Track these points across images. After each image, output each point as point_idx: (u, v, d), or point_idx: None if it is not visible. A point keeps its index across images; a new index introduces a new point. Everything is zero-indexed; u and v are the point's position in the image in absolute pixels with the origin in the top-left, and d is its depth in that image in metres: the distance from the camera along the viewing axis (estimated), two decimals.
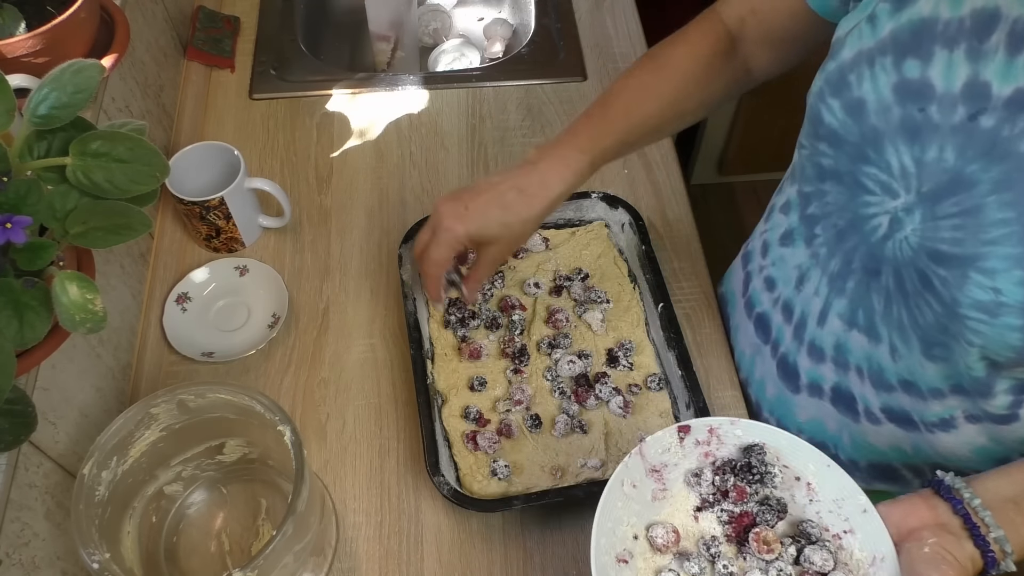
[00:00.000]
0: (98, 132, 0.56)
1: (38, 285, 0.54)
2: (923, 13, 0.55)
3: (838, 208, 0.65)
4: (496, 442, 0.78)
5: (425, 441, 0.76)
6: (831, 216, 0.67)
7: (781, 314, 0.76)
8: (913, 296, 0.61)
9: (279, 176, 1.02)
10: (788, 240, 0.74)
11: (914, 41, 0.55)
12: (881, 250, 0.62)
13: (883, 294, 0.64)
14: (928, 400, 0.66)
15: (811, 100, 0.64)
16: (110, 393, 0.80)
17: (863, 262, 0.64)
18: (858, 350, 0.69)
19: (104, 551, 0.59)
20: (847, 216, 0.64)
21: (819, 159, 0.65)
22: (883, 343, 0.66)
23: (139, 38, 0.98)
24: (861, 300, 0.66)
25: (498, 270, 0.90)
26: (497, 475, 0.76)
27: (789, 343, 0.76)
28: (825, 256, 0.69)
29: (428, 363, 0.83)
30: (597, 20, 1.20)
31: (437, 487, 0.73)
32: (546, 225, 0.94)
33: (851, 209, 0.64)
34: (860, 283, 0.66)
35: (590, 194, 0.93)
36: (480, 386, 0.82)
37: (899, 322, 0.63)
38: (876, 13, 0.58)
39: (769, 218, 0.79)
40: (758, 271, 0.80)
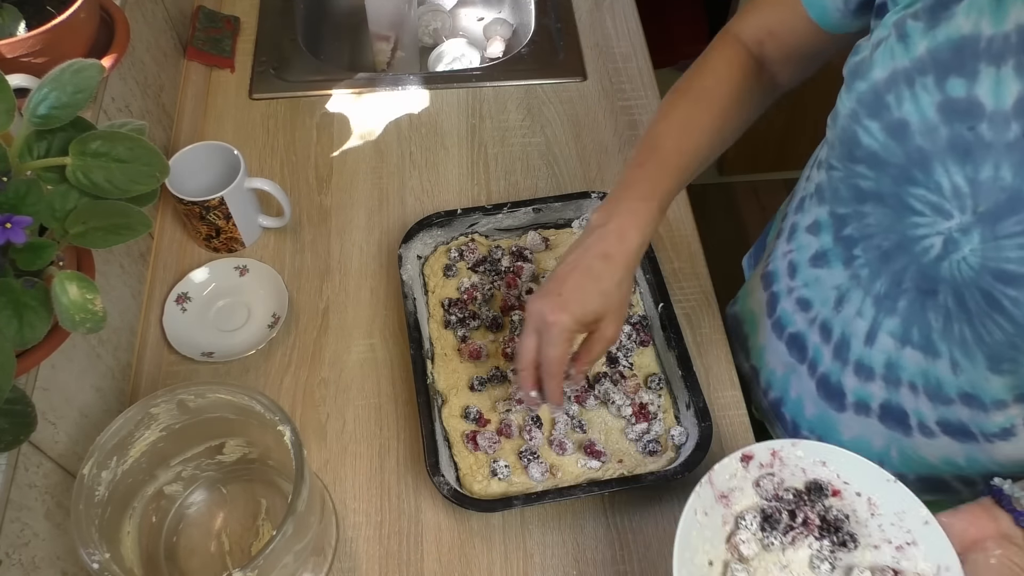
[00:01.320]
0: (98, 132, 0.56)
1: (38, 285, 0.54)
2: (963, 30, 0.54)
3: (882, 229, 0.64)
4: (496, 442, 0.78)
5: (425, 441, 0.76)
6: (873, 238, 0.65)
7: (819, 334, 0.75)
8: (978, 316, 0.59)
9: (279, 176, 1.02)
10: (822, 261, 0.73)
11: (956, 59, 0.54)
12: (936, 271, 0.61)
13: (941, 312, 0.63)
14: (990, 411, 0.65)
15: (841, 122, 0.62)
16: (110, 393, 0.80)
17: (915, 282, 0.63)
18: (912, 366, 0.68)
19: (104, 551, 0.59)
20: (893, 237, 0.63)
21: (856, 181, 0.64)
22: (942, 359, 0.65)
23: (139, 38, 0.98)
24: (916, 319, 0.65)
25: (500, 273, 0.90)
26: (497, 475, 0.76)
27: (830, 363, 0.75)
28: (868, 277, 0.68)
29: (428, 363, 0.83)
30: (597, 20, 1.20)
31: (437, 487, 0.73)
32: (546, 225, 0.94)
33: (898, 231, 0.62)
34: (914, 302, 0.65)
35: (590, 194, 0.93)
36: (480, 386, 0.82)
37: (961, 339, 0.62)
38: (907, 32, 0.57)
39: (793, 238, 0.77)
40: (787, 292, 0.79)
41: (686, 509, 0.60)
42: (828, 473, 0.64)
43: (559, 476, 0.77)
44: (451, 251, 0.92)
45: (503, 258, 0.91)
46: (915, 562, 0.59)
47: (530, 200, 0.92)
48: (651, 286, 0.86)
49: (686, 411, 0.80)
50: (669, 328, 0.83)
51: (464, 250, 0.91)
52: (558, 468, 0.78)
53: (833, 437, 0.79)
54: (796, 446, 0.64)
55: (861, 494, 0.63)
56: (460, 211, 0.91)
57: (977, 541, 0.55)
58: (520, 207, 0.92)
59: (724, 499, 0.64)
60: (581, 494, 0.74)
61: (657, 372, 0.84)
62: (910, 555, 0.60)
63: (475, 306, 0.88)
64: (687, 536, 0.60)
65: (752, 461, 0.64)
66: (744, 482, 0.64)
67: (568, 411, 0.80)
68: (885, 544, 0.61)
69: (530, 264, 0.90)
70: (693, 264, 0.96)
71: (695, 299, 0.93)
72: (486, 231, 0.93)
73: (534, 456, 0.78)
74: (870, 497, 0.62)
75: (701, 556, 0.62)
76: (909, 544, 0.60)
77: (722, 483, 0.64)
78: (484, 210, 0.92)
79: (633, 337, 0.85)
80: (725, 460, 0.63)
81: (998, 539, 0.54)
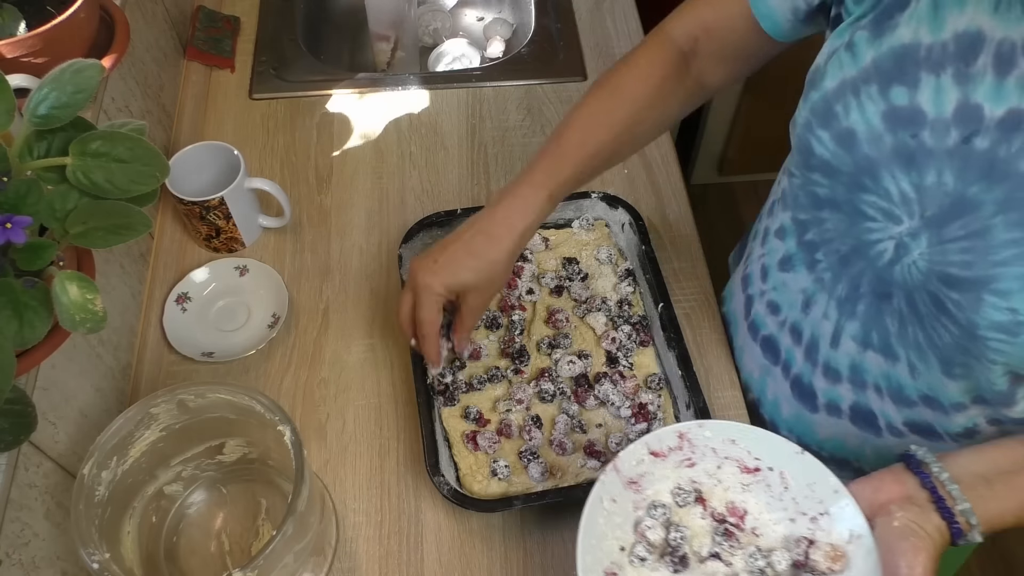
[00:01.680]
0: (98, 132, 0.56)
1: (38, 285, 0.54)
2: (904, 39, 0.54)
3: (839, 234, 0.65)
4: (496, 442, 0.78)
5: (425, 441, 0.76)
6: (832, 242, 0.67)
7: (789, 336, 0.76)
8: (928, 319, 0.60)
9: (279, 176, 1.02)
10: (788, 265, 0.74)
11: (898, 68, 0.55)
12: (890, 274, 0.62)
13: (896, 316, 0.64)
14: (951, 414, 0.66)
15: (798, 131, 0.63)
16: (110, 393, 0.80)
17: (872, 286, 0.64)
18: (875, 369, 0.69)
19: (104, 551, 0.59)
20: (849, 242, 0.64)
21: (813, 188, 0.65)
22: (901, 362, 0.66)
23: (139, 38, 0.98)
24: (874, 322, 0.66)
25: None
26: (497, 475, 0.76)
27: (801, 364, 0.76)
28: (831, 280, 0.69)
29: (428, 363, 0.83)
30: (597, 20, 1.20)
31: (437, 487, 0.73)
32: (546, 225, 0.94)
33: (853, 235, 0.63)
34: (871, 306, 0.65)
35: (590, 194, 0.93)
36: (480, 386, 0.82)
37: (916, 342, 0.63)
38: (855, 41, 0.57)
39: (765, 242, 0.79)
40: (759, 295, 0.80)
41: (590, 496, 0.60)
42: (739, 451, 0.63)
43: (559, 476, 0.77)
44: None
45: None
46: (828, 532, 0.59)
47: None
48: (651, 286, 0.86)
49: (686, 411, 0.80)
50: (669, 328, 0.83)
51: None
52: (558, 468, 0.78)
53: (810, 437, 0.79)
54: (703, 427, 0.64)
55: (773, 468, 0.63)
56: (460, 211, 0.91)
57: (883, 505, 0.56)
58: None
59: (634, 484, 0.63)
60: (581, 494, 0.74)
61: (657, 372, 0.84)
62: (823, 525, 0.60)
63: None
64: (593, 522, 0.60)
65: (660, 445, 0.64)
66: (653, 467, 0.64)
67: (568, 411, 0.80)
68: (800, 516, 0.61)
69: (530, 264, 0.90)
70: (693, 264, 0.96)
71: (695, 299, 0.93)
72: None
73: (534, 456, 0.78)
74: (782, 471, 0.62)
75: (611, 542, 0.61)
76: (822, 515, 0.60)
77: (629, 469, 0.63)
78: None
79: (633, 337, 0.85)
80: (630, 447, 0.63)
81: (902, 501, 0.55)
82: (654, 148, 1.06)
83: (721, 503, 0.64)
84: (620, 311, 0.87)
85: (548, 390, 0.81)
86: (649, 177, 1.03)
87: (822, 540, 0.59)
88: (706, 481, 0.64)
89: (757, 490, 0.63)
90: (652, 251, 0.88)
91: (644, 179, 1.03)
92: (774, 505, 0.63)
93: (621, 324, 0.86)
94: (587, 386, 0.82)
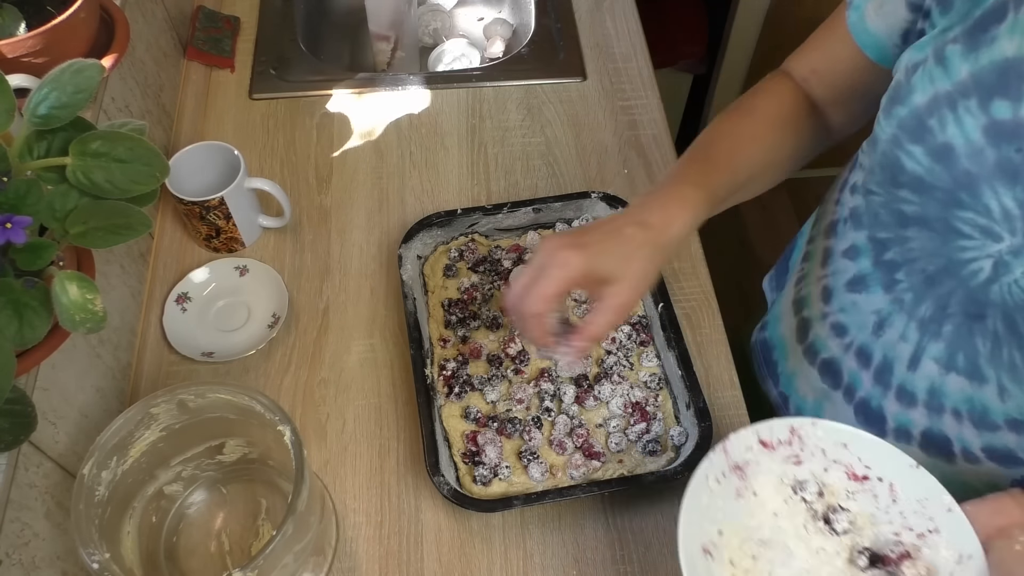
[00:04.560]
0: (98, 132, 0.56)
1: (38, 285, 0.54)
2: (1007, 53, 0.53)
3: (926, 254, 0.64)
4: (496, 442, 0.78)
5: (425, 441, 0.76)
6: (917, 261, 0.65)
7: (855, 360, 0.74)
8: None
9: (279, 176, 1.02)
10: (860, 286, 0.72)
11: (1001, 82, 0.53)
12: (985, 294, 0.60)
13: (990, 337, 0.62)
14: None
15: (882, 147, 0.62)
16: (110, 393, 0.80)
17: (963, 306, 0.63)
18: (956, 393, 0.67)
19: (104, 551, 0.59)
20: (939, 261, 0.63)
21: (899, 206, 0.63)
22: (989, 384, 0.64)
23: (139, 38, 0.98)
24: (962, 343, 0.65)
25: (500, 274, 0.90)
26: (498, 475, 0.76)
27: (870, 388, 0.74)
28: (912, 301, 0.67)
29: (428, 363, 0.83)
30: (597, 20, 1.20)
31: (437, 487, 0.73)
32: (546, 225, 0.94)
33: (944, 255, 0.62)
34: (960, 326, 0.64)
35: (590, 194, 0.93)
36: (481, 386, 0.82)
37: (1011, 364, 0.62)
38: (946, 55, 0.56)
39: (828, 263, 0.76)
40: (820, 317, 0.78)
41: (697, 473, 0.59)
42: (849, 456, 0.62)
43: (559, 476, 0.77)
44: (451, 251, 0.92)
45: (503, 258, 0.91)
46: (937, 550, 0.58)
47: (530, 200, 0.92)
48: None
49: (686, 411, 0.80)
50: (669, 328, 0.83)
51: (464, 250, 0.91)
52: (558, 468, 0.78)
53: None
54: (816, 425, 0.63)
55: (883, 479, 0.62)
56: (460, 211, 0.91)
57: (1003, 529, 0.54)
58: (520, 207, 0.92)
59: (739, 471, 0.63)
60: (581, 494, 0.74)
61: (657, 372, 0.84)
62: (931, 543, 0.59)
63: (475, 306, 0.88)
64: (696, 499, 0.59)
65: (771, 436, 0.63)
66: (761, 456, 0.63)
67: (568, 411, 0.80)
68: (906, 531, 0.60)
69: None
70: (693, 264, 0.96)
71: (695, 299, 0.93)
72: (486, 231, 0.93)
73: (534, 456, 0.78)
74: (892, 483, 0.61)
75: (709, 525, 0.60)
76: (931, 532, 0.59)
77: (737, 454, 0.62)
78: (484, 210, 0.92)
79: (633, 337, 0.85)
80: (741, 431, 0.61)
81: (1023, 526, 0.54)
82: (654, 148, 1.06)
83: (823, 507, 0.63)
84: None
85: (548, 390, 0.81)
86: (649, 177, 1.03)
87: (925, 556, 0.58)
88: (811, 481, 0.63)
89: (863, 499, 0.62)
90: None
91: (644, 179, 1.03)
92: (879, 517, 0.62)
93: (622, 324, 0.86)
94: (587, 386, 0.82)
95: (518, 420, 0.80)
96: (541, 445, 0.79)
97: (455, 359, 0.84)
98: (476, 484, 0.76)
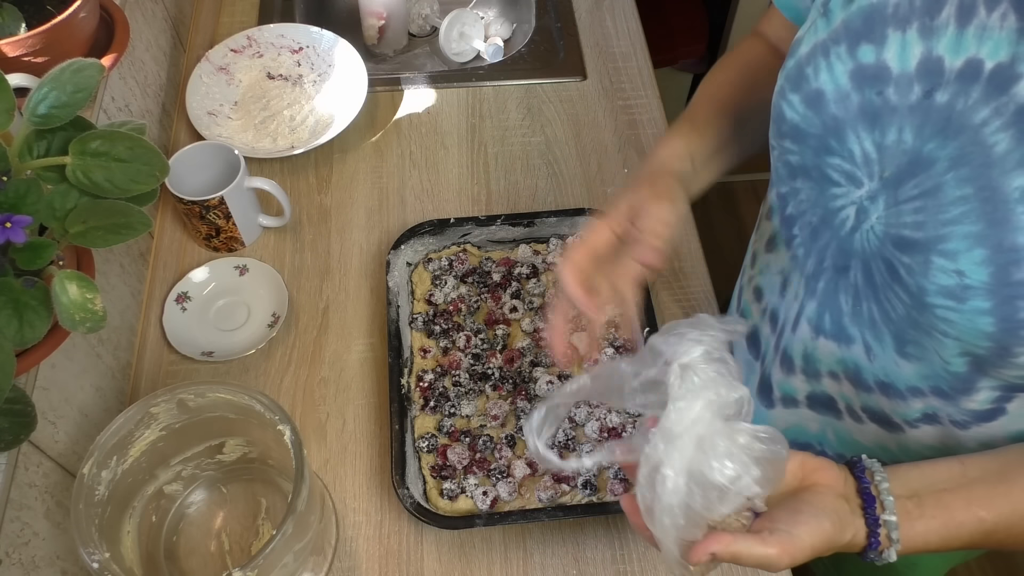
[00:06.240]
0: (98, 131, 0.56)
1: (38, 284, 0.54)
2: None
3: (811, 205, 0.64)
4: (466, 458, 0.77)
5: (394, 452, 0.75)
6: (805, 214, 0.65)
7: (768, 325, 0.75)
8: (882, 289, 0.59)
9: (279, 175, 1.02)
10: (772, 245, 0.73)
11: (866, 26, 0.55)
12: (850, 244, 0.61)
13: (851, 292, 0.63)
14: (908, 399, 0.64)
15: (774, 100, 0.63)
16: (110, 393, 0.80)
17: (834, 259, 0.63)
18: (827, 357, 0.68)
19: (104, 551, 0.59)
20: (819, 212, 0.63)
21: (787, 157, 0.64)
22: (856, 344, 0.65)
23: (139, 37, 0.98)
24: (829, 302, 0.65)
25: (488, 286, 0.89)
26: (465, 491, 0.76)
27: (771, 356, 0.74)
28: (803, 257, 0.67)
29: (406, 372, 0.82)
30: (597, 20, 1.20)
31: (401, 500, 0.73)
32: (539, 239, 0.93)
33: (822, 204, 0.62)
34: (830, 282, 0.64)
35: (585, 211, 0.91)
36: (457, 400, 0.81)
37: (871, 319, 0.62)
38: (830, 8, 0.58)
39: (758, 228, 0.78)
40: (748, 282, 0.79)
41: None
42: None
43: (527, 496, 0.76)
44: (441, 260, 0.90)
45: (493, 271, 0.90)
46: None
47: (525, 214, 0.91)
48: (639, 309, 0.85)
49: None
50: None
51: (454, 260, 0.90)
52: (527, 488, 0.77)
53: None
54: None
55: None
56: (453, 220, 0.91)
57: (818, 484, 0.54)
58: (514, 219, 0.91)
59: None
60: (545, 518, 0.73)
61: None
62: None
63: (460, 317, 0.87)
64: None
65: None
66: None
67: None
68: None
69: (516, 282, 0.89)
70: (693, 264, 0.96)
71: (695, 299, 0.93)
72: (478, 242, 0.92)
73: (503, 475, 0.77)
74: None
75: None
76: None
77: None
78: (477, 221, 0.91)
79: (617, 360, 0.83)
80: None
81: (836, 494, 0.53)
82: None
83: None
84: (606, 333, 0.85)
85: (524, 408, 0.80)
86: None
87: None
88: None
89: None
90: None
91: None
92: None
93: (605, 346, 0.84)
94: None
95: (490, 438, 0.79)
96: (512, 464, 0.78)
97: (433, 371, 0.83)
98: (443, 498, 0.76)
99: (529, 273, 0.89)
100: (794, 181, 0.65)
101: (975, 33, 0.49)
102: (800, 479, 0.54)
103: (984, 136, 0.49)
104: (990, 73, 0.48)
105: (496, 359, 0.84)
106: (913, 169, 0.53)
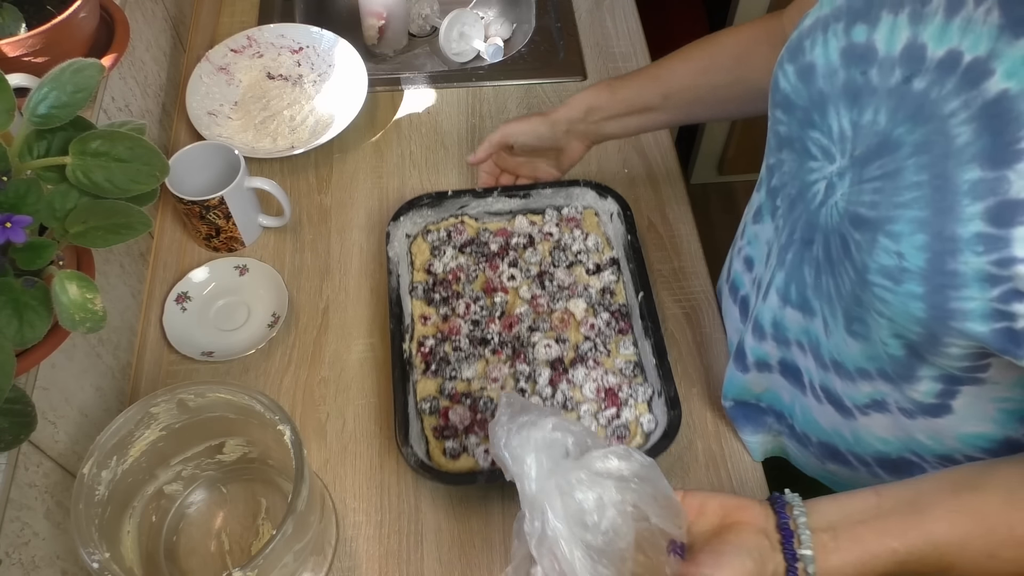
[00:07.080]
0: (98, 131, 0.56)
1: (38, 284, 0.54)
2: None
3: (791, 177, 0.66)
4: (468, 418, 0.79)
5: (397, 414, 0.77)
6: (787, 186, 0.67)
7: (756, 293, 0.76)
8: (837, 264, 0.60)
9: (279, 175, 1.02)
10: (759, 216, 0.74)
11: (865, 6, 0.56)
12: (816, 217, 0.62)
13: (814, 265, 0.64)
14: (857, 381, 0.65)
15: (775, 69, 0.65)
16: (110, 393, 0.80)
17: (802, 232, 0.64)
18: (794, 326, 0.69)
19: (104, 551, 0.59)
20: (797, 185, 0.65)
21: (778, 127, 0.66)
22: (817, 317, 0.66)
23: (139, 38, 0.98)
24: (795, 274, 0.66)
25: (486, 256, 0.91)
26: (467, 450, 0.78)
27: (746, 323, 0.76)
28: (781, 228, 0.69)
29: (407, 338, 0.84)
30: (597, 20, 1.20)
31: (405, 458, 0.74)
32: (535, 211, 0.95)
33: (800, 177, 0.64)
34: (797, 254, 0.66)
35: (579, 182, 0.93)
36: (457, 364, 0.83)
37: (828, 294, 0.63)
38: None
39: (751, 201, 0.79)
40: (738, 253, 0.80)
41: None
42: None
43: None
44: (440, 231, 0.93)
45: (490, 241, 0.92)
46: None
47: (521, 186, 0.94)
48: (633, 275, 0.87)
49: (658, 399, 0.80)
50: (647, 317, 0.83)
51: (452, 231, 0.93)
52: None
53: (748, 394, 0.79)
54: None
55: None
56: (451, 193, 0.92)
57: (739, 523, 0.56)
58: (510, 191, 0.93)
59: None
60: None
61: (633, 359, 0.84)
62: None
63: (459, 286, 0.89)
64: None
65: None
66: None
67: (541, 393, 0.81)
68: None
69: (513, 252, 0.91)
70: (693, 264, 0.96)
71: (695, 299, 0.93)
72: (476, 214, 0.94)
73: None
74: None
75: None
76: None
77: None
78: (474, 193, 0.93)
79: (612, 325, 0.86)
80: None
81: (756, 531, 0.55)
82: (654, 148, 1.06)
83: None
84: (602, 299, 0.88)
85: (523, 371, 0.83)
86: (649, 177, 1.03)
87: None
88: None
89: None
90: (637, 241, 0.88)
91: (644, 178, 1.03)
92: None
93: (601, 311, 0.87)
94: (562, 369, 0.83)
95: (491, 399, 0.81)
96: None
97: (434, 336, 0.85)
98: (445, 457, 0.78)
99: (526, 243, 0.92)
100: (780, 152, 0.67)
101: (960, 25, 0.50)
102: (722, 517, 0.56)
103: (949, 127, 0.50)
104: (967, 66, 0.49)
105: (495, 324, 0.86)
106: (880, 150, 0.55)
